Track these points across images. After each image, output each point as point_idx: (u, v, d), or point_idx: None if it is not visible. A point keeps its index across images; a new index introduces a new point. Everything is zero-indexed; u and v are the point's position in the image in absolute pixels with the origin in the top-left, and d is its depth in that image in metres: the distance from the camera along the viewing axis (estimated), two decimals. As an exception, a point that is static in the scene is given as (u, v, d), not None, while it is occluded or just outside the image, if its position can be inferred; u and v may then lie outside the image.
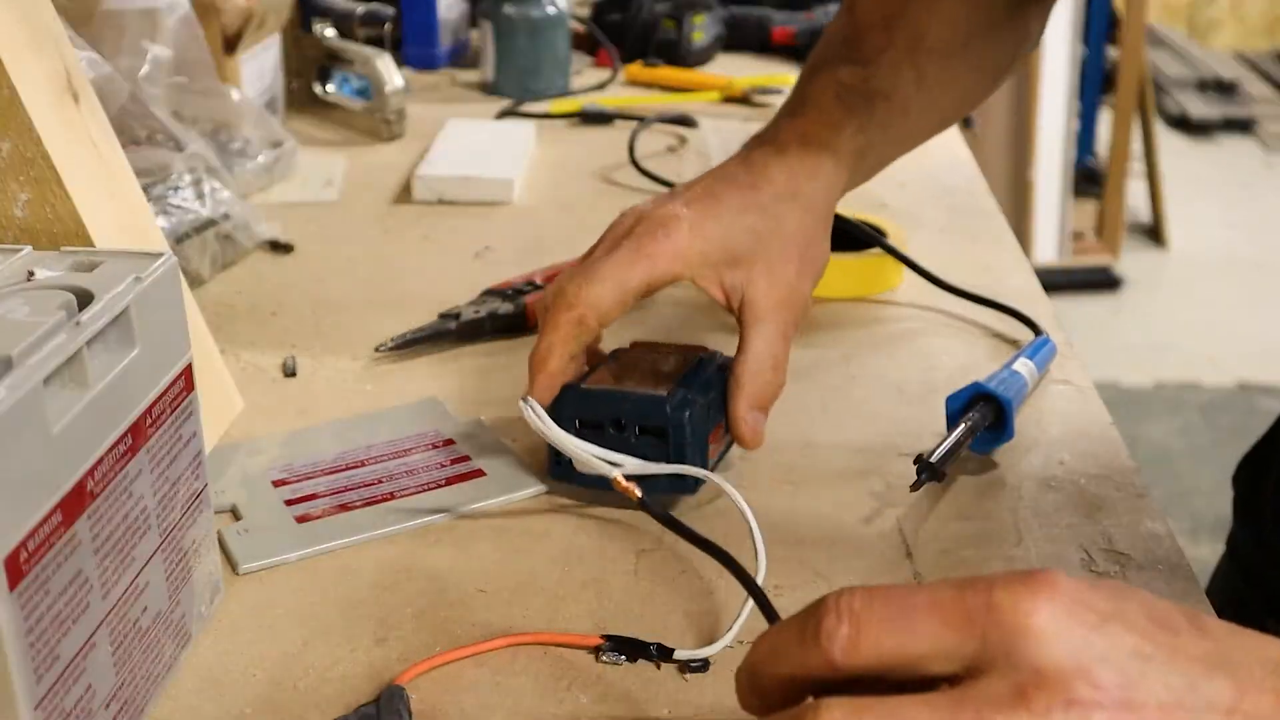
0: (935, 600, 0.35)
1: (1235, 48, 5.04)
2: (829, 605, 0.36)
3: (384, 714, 0.44)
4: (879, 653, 0.35)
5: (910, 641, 0.35)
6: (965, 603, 0.34)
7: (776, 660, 0.37)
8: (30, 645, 0.38)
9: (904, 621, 0.35)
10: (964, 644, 0.34)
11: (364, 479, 0.61)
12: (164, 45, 0.91)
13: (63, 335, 0.40)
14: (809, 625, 0.36)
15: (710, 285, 0.62)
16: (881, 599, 0.35)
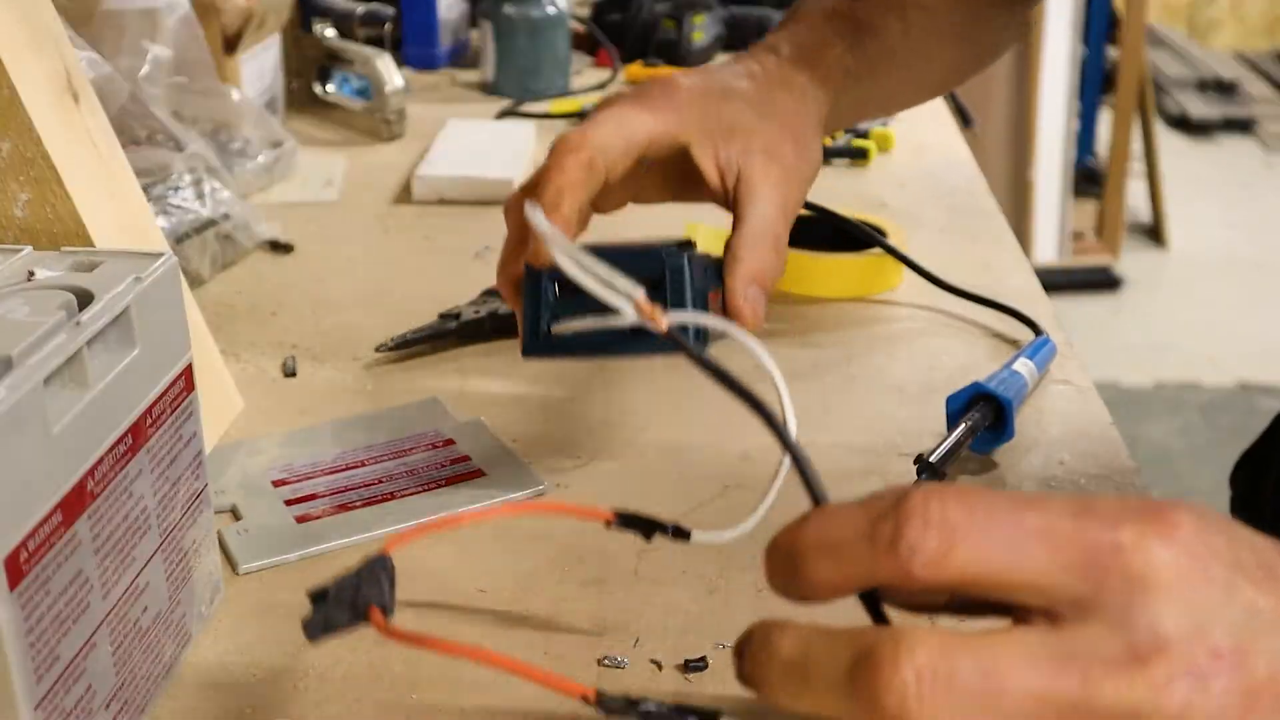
0: (1049, 527, 0.30)
1: (1235, 48, 5.04)
2: (914, 508, 0.30)
3: (365, 584, 0.40)
4: (969, 575, 0.30)
5: (1011, 570, 0.30)
6: (1086, 539, 0.30)
7: (832, 554, 0.32)
8: (30, 645, 0.38)
9: (1008, 545, 0.30)
10: (1075, 585, 0.30)
11: (364, 479, 0.61)
12: (164, 45, 0.91)
13: (63, 335, 0.40)
14: (884, 527, 0.30)
15: (705, 158, 0.58)
16: (984, 512, 0.30)
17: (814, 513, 0.33)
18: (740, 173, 0.58)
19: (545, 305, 0.55)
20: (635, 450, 0.64)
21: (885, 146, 1.10)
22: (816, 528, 0.32)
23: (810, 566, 0.32)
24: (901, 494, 0.31)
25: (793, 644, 0.32)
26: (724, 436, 0.65)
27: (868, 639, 0.30)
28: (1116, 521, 0.30)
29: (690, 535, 0.45)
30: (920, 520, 0.30)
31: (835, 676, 0.30)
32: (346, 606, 0.39)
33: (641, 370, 0.71)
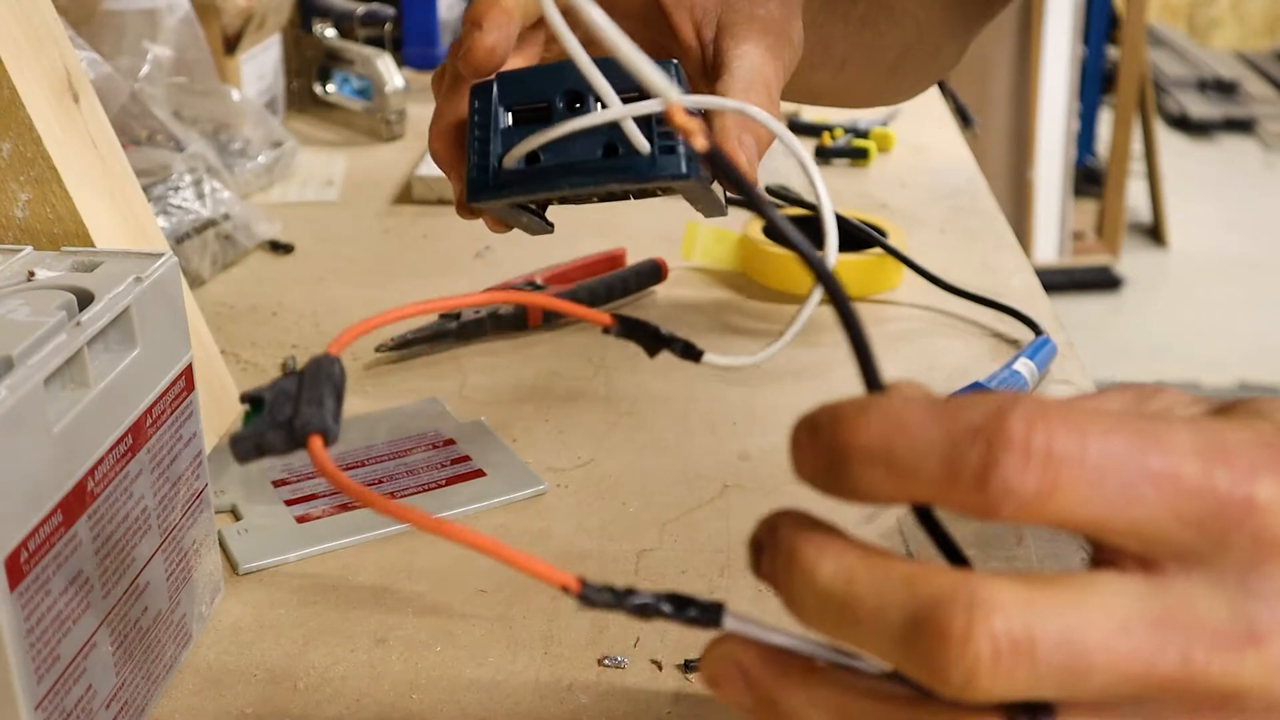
0: (1175, 473, 0.25)
1: (1236, 47, 5.04)
2: (1015, 436, 0.24)
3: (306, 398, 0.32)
4: (1069, 520, 0.25)
5: (1119, 518, 0.25)
6: (1215, 490, 0.25)
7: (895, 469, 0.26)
8: (31, 646, 0.38)
9: (1122, 492, 0.25)
10: (1190, 539, 0.25)
11: (364, 479, 0.61)
12: (164, 45, 0.91)
13: (63, 335, 0.40)
14: (972, 454, 0.25)
15: (677, 9, 0.51)
16: (1099, 448, 0.25)
17: (875, 408, 0.26)
18: (720, 23, 0.50)
19: (495, 136, 0.45)
20: (635, 450, 0.64)
21: (885, 146, 1.10)
22: (878, 432, 0.26)
23: (861, 475, 0.26)
24: (997, 409, 0.25)
25: (833, 574, 0.27)
26: (724, 436, 0.65)
27: (932, 589, 0.25)
28: (1253, 470, 0.25)
29: (701, 356, 0.40)
30: (1020, 454, 0.24)
31: (889, 628, 0.26)
32: (283, 428, 0.32)
33: (642, 370, 0.71)
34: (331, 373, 0.33)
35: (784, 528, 0.29)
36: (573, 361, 0.73)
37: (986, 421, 0.25)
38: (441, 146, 0.48)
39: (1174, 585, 0.26)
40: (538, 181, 0.43)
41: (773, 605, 0.51)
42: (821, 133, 1.11)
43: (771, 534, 0.29)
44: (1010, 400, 0.25)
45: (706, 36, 0.50)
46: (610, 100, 0.38)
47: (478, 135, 0.44)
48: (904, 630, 0.25)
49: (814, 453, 0.27)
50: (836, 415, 0.27)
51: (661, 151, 0.42)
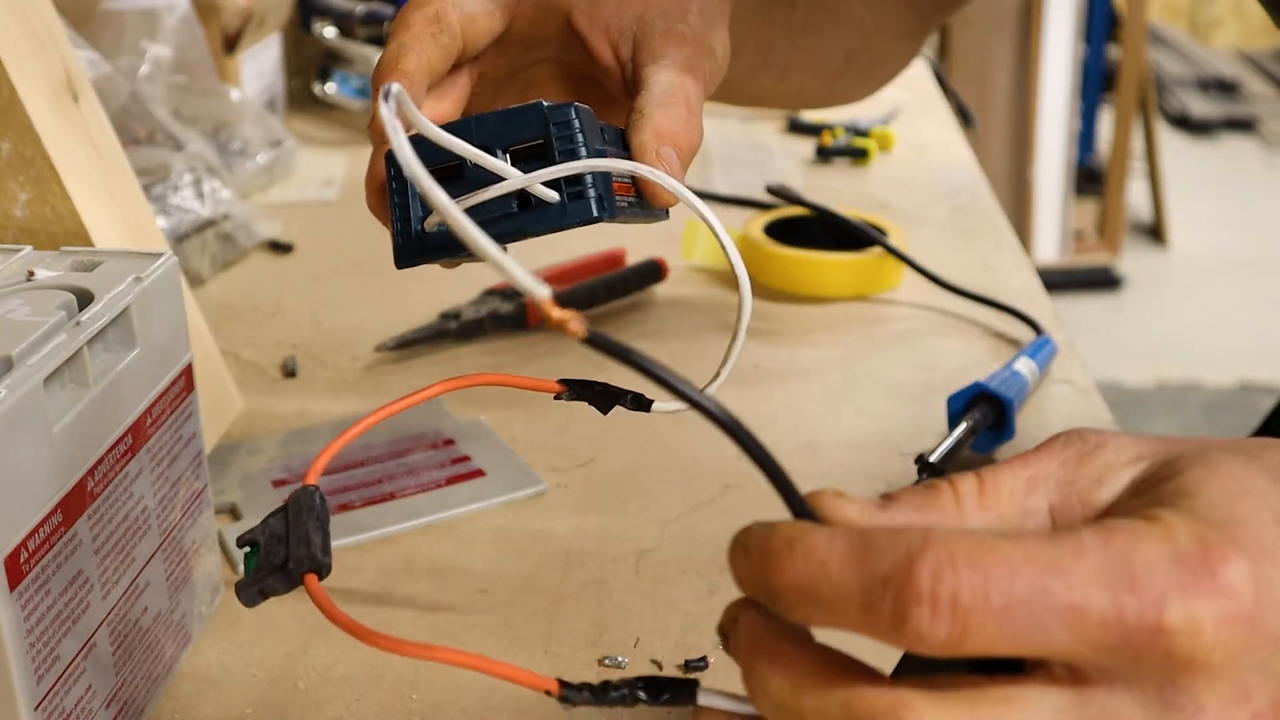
0: (1079, 606, 0.26)
1: (1237, 46, 5.04)
2: (921, 588, 0.26)
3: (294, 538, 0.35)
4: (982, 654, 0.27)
5: (1036, 651, 0.27)
6: (1124, 621, 0.26)
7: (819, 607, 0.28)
8: (30, 646, 0.38)
9: (1031, 630, 0.26)
10: (1109, 663, 0.27)
11: (364, 479, 0.61)
12: (164, 45, 0.91)
13: (63, 335, 0.40)
14: (884, 603, 0.26)
15: (592, 31, 0.49)
16: (1003, 590, 0.26)
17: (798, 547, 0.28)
18: (636, 40, 0.49)
19: (414, 197, 0.45)
20: (635, 450, 0.64)
21: (886, 146, 1.10)
22: (801, 573, 0.28)
23: (793, 608, 0.28)
24: (905, 558, 0.26)
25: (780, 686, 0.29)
26: (723, 436, 0.65)
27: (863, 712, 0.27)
28: (1161, 596, 0.26)
29: (651, 405, 0.41)
30: (928, 606, 0.26)
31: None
32: (280, 571, 0.35)
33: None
34: (312, 505, 0.35)
35: (743, 627, 0.31)
36: (573, 361, 0.72)
37: (895, 572, 0.26)
38: (373, 200, 0.49)
39: (1097, 696, 0.27)
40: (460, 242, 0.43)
41: (773, 605, 0.51)
42: (821, 132, 1.11)
43: (733, 626, 0.31)
44: (919, 547, 0.27)
45: (624, 55, 0.50)
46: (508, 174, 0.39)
47: (397, 202, 0.45)
48: None
49: (749, 576, 0.29)
50: (765, 550, 0.29)
51: (571, 199, 0.42)
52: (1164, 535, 0.27)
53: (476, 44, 0.49)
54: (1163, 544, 0.27)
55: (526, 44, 0.51)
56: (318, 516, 0.35)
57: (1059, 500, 0.31)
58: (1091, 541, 0.27)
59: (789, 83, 0.66)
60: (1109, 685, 0.27)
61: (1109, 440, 0.32)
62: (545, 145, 0.43)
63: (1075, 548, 0.27)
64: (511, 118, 0.43)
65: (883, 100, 1.18)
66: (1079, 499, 0.31)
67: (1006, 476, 0.32)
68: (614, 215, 0.43)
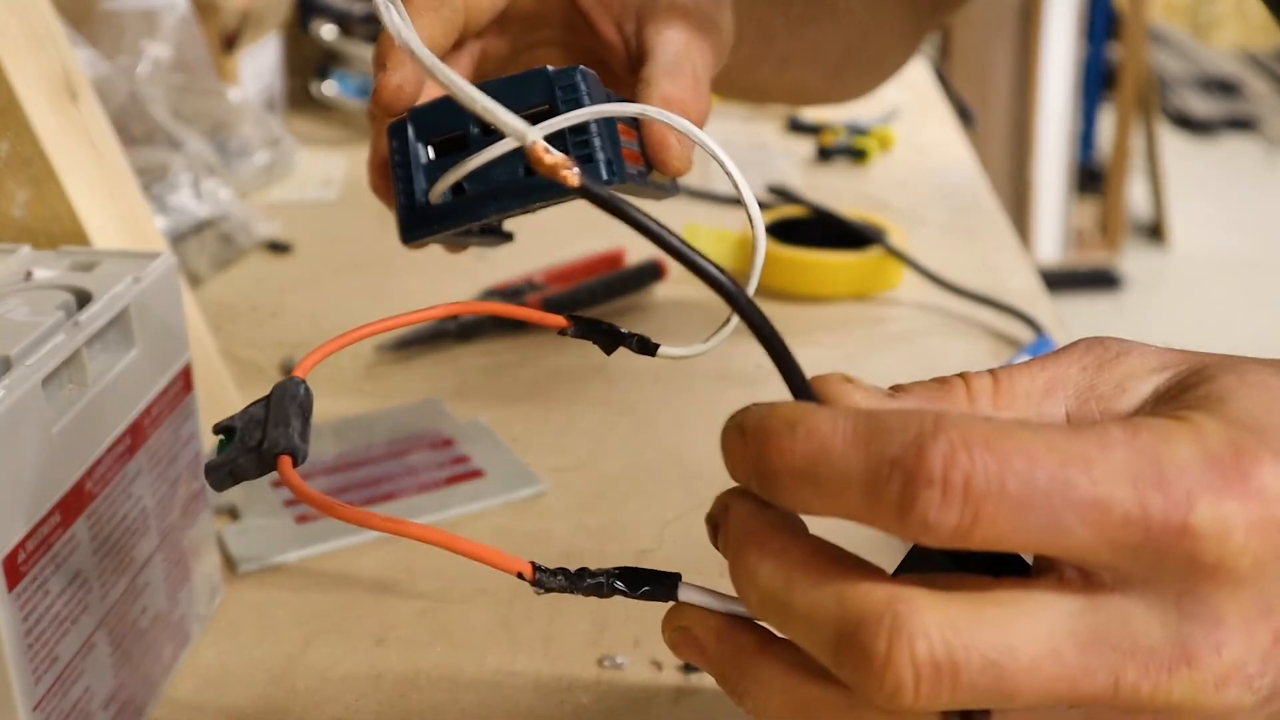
0: (1103, 500, 0.24)
1: (1238, 45, 5.04)
2: (932, 470, 0.24)
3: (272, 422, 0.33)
4: (995, 547, 0.25)
5: (1048, 548, 0.25)
6: (1149, 518, 0.24)
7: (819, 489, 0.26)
8: (29, 646, 0.38)
9: (1048, 522, 0.24)
10: (1128, 564, 0.25)
11: (364, 479, 0.60)
12: (163, 45, 0.91)
13: (61, 335, 0.40)
14: (891, 486, 0.25)
15: (595, 7, 0.49)
16: (1021, 478, 0.24)
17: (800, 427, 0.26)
18: (640, 14, 0.48)
19: (418, 172, 0.44)
20: (635, 450, 0.64)
21: (886, 146, 1.10)
22: (802, 454, 0.26)
23: (789, 493, 0.27)
24: (916, 438, 0.25)
25: (771, 575, 0.27)
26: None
27: (859, 607, 0.26)
28: (1190, 495, 0.24)
29: (657, 349, 0.41)
30: (938, 490, 0.24)
31: (819, 637, 0.27)
32: (254, 453, 0.33)
33: (642, 370, 0.71)
34: (296, 394, 0.34)
35: (735, 515, 0.30)
36: (573, 361, 0.72)
37: (905, 452, 0.25)
38: (376, 180, 0.48)
39: (1110, 602, 0.26)
40: (466, 211, 0.42)
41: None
42: (821, 132, 1.11)
43: (724, 514, 0.30)
44: (931, 426, 0.25)
45: (628, 30, 0.49)
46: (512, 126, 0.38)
47: (400, 175, 0.44)
48: (833, 643, 0.26)
49: (743, 460, 0.28)
50: (763, 430, 0.27)
51: (580, 162, 0.41)
52: (1195, 435, 0.25)
53: (479, 19, 0.47)
54: (1193, 444, 0.25)
55: (529, 22, 0.50)
56: (300, 404, 0.34)
57: (1076, 406, 0.30)
58: (1118, 435, 0.25)
59: (788, 75, 0.65)
60: (1124, 591, 0.26)
61: (1133, 348, 0.30)
62: (551, 111, 0.41)
63: (1100, 441, 0.25)
64: (515, 84, 0.42)
65: (883, 100, 1.18)
66: (1098, 405, 0.29)
67: (1023, 377, 0.30)
68: (623, 180, 0.42)
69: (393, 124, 0.44)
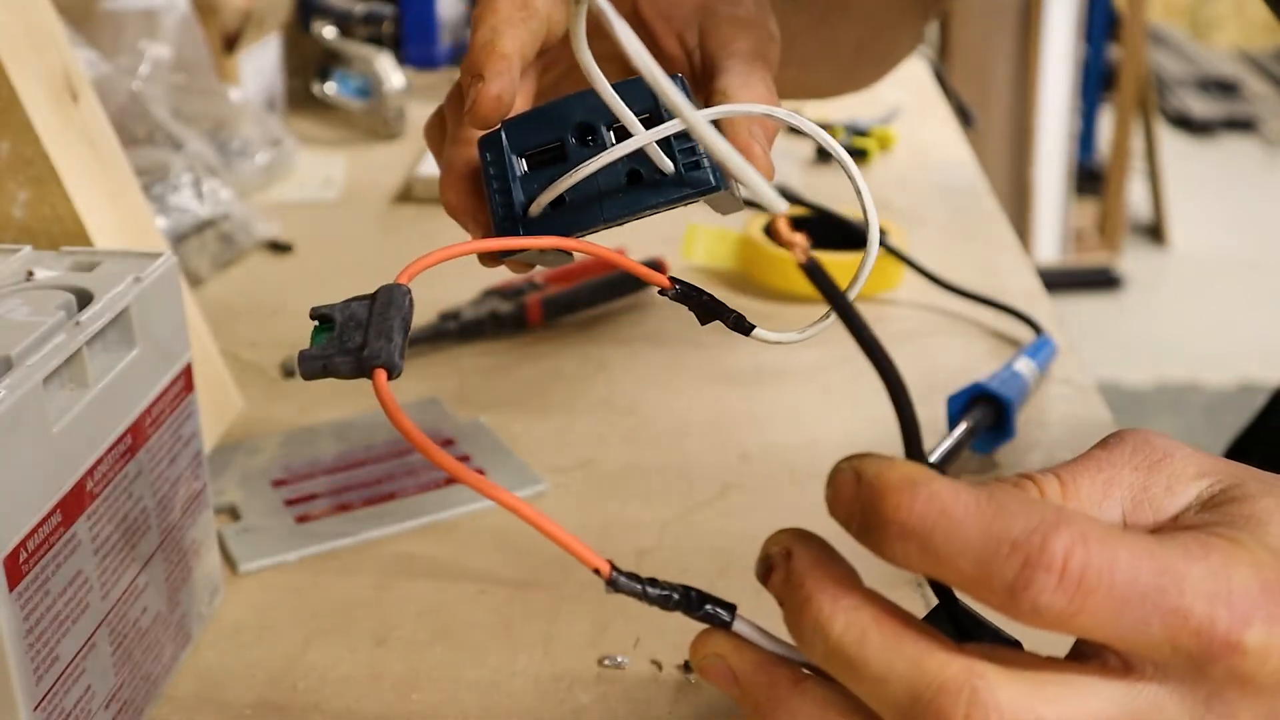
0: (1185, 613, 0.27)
1: (1237, 46, 5.04)
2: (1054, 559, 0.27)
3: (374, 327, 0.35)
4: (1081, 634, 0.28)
5: (1125, 639, 0.28)
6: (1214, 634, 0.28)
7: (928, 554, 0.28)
8: (30, 646, 0.38)
9: (1138, 622, 0.27)
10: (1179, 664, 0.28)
11: (364, 479, 0.60)
12: (163, 45, 0.91)
13: (62, 335, 0.40)
14: (1009, 566, 0.27)
15: (657, 20, 0.50)
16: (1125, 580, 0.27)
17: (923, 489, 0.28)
18: (702, 30, 0.50)
19: (514, 185, 0.43)
20: (635, 450, 0.64)
21: (886, 146, 1.10)
22: (921, 516, 0.28)
23: (895, 548, 0.28)
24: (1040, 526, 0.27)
25: (845, 630, 0.29)
26: (724, 436, 0.65)
27: (938, 675, 0.28)
28: (1248, 617, 0.28)
29: (752, 330, 0.40)
30: (1056, 577, 0.27)
31: (891, 698, 0.28)
32: (352, 354, 0.33)
33: (642, 370, 0.71)
34: (402, 304, 0.33)
35: (800, 561, 0.31)
36: (573, 361, 0.72)
37: (1029, 538, 0.27)
38: (455, 196, 0.47)
39: (1148, 690, 0.28)
40: (570, 222, 0.42)
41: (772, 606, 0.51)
42: (822, 132, 1.11)
43: (786, 560, 0.31)
44: (1054, 518, 0.27)
45: (691, 43, 0.50)
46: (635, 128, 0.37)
47: (496, 188, 0.43)
48: (906, 706, 0.28)
49: (851, 505, 0.30)
50: (883, 483, 0.29)
51: (688, 168, 0.41)
52: (1253, 561, 0.28)
53: (557, 32, 0.47)
54: (1253, 570, 0.28)
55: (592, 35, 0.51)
56: (404, 317, 0.33)
57: (1132, 507, 0.32)
58: (1196, 552, 0.28)
59: (806, 75, 0.66)
60: (1161, 682, 0.28)
61: (1175, 450, 0.33)
62: (653, 118, 0.41)
63: (1185, 555, 0.28)
64: (620, 90, 0.40)
65: (883, 100, 1.18)
66: (1151, 505, 0.32)
67: (1085, 479, 0.32)
68: (727, 186, 0.42)
69: (484, 138, 0.44)
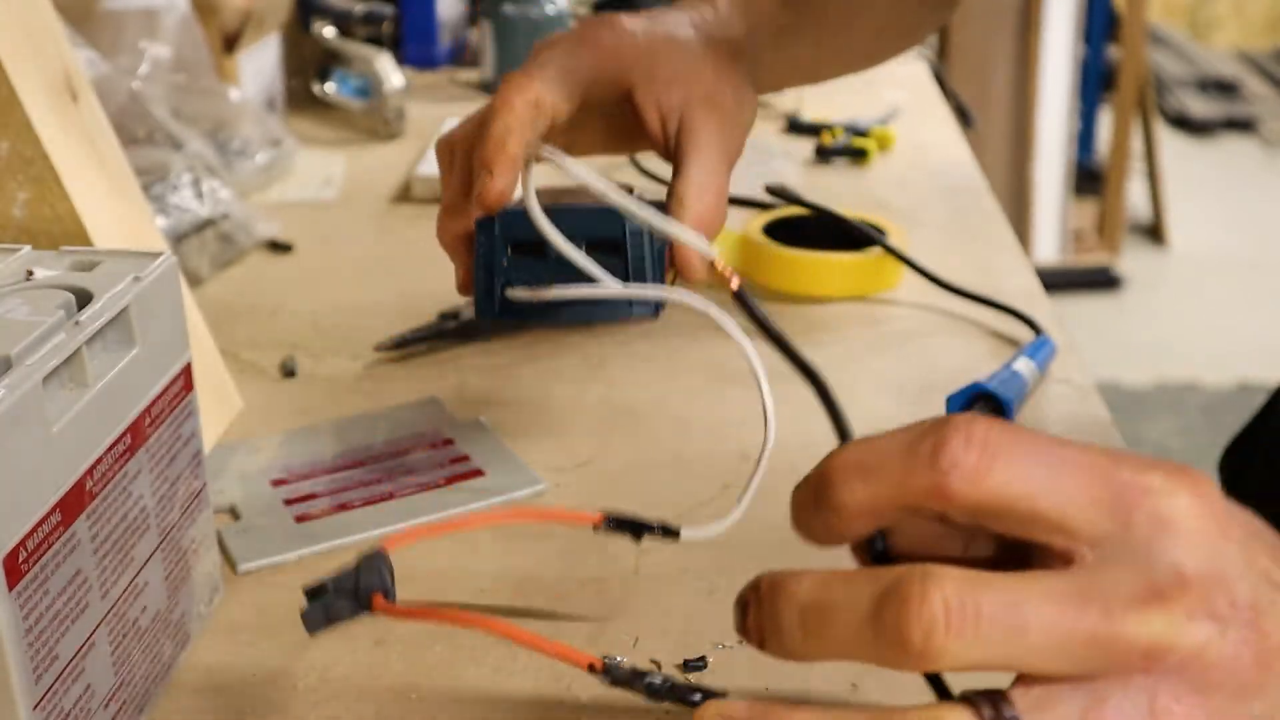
0: (1084, 460, 0.31)
1: (1236, 46, 5.04)
2: (956, 425, 0.31)
3: (362, 573, 0.41)
4: (1004, 495, 0.30)
5: (1045, 495, 0.30)
6: (1119, 476, 0.31)
7: (866, 475, 0.32)
8: (29, 645, 0.38)
9: (1045, 471, 0.31)
10: (1101, 521, 0.31)
11: (363, 478, 0.60)
12: (163, 45, 0.91)
13: (62, 335, 0.40)
14: (924, 443, 0.31)
15: (648, 104, 0.57)
16: (1026, 439, 0.31)
17: (846, 445, 0.33)
18: (682, 120, 0.57)
19: (498, 267, 0.52)
20: (635, 450, 0.64)
21: (885, 146, 1.10)
22: (854, 449, 0.32)
23: (841, 489, 0.32)
24: (944, 417, 0.31)
25: (811, 588, 0.32)
26: (723, 436, 0.65)
27: (893, 574, 0.30)
28: (1148, 468, 0.31)
29: (680, 533, 0.46)
30: (963, 436, 0.30)
31: (858, 616, 0.30)
32: (348, 596, 0.39)
33: (641, 370, 0.71)
34: (384, 559, 0.41)
35: (766, 576, 0.33)
36: (573, 361, 0.72)
37: (937, 424, 0.31)
38: (450, 242, 0.56)
39: (1094, 567, 0.31)
40: (538, 314, 0.51)
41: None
42: (821, 132, 1.11)
43: (755, 588, 0.33)
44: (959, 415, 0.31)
45: (670, 129, 0.57)
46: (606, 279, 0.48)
47: (483, 264, 0.52)
48: (871, 613, 0.30)
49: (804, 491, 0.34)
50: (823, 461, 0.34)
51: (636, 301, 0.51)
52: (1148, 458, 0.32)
53: (558, 122, 0.55)
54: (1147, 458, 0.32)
55: (587, 109, 0.57)
56: (388, 568, 0.41)
57: None
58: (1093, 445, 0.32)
59: (821, 75, 0.71)
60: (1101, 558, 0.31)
61: None
62: (620, 245, 0.51)
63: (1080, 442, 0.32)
64: (594, 216, 0.51)
65: (882, 100, 1.18)
66: None
67: None
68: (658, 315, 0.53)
69: (481, 220, 0.52)
